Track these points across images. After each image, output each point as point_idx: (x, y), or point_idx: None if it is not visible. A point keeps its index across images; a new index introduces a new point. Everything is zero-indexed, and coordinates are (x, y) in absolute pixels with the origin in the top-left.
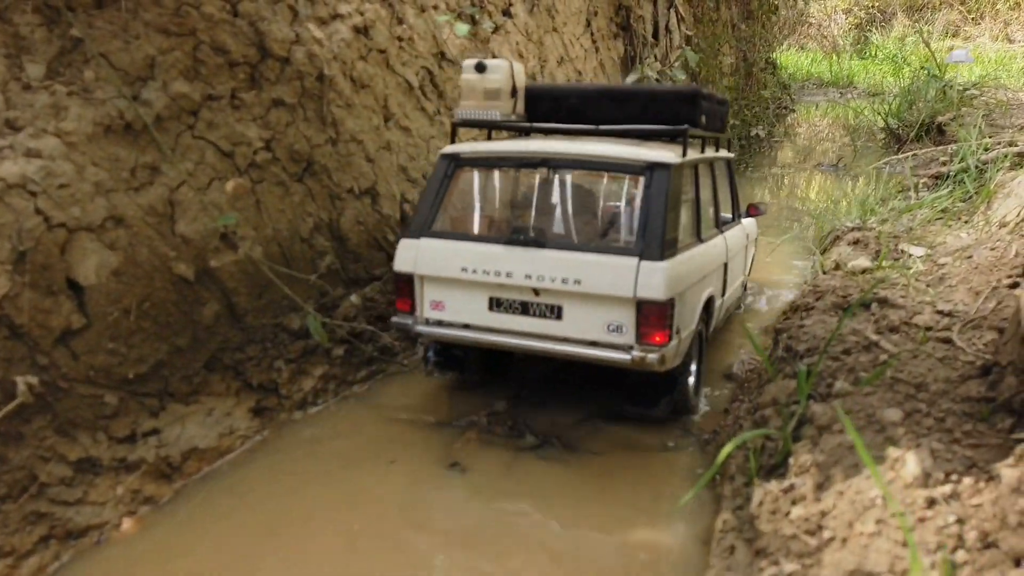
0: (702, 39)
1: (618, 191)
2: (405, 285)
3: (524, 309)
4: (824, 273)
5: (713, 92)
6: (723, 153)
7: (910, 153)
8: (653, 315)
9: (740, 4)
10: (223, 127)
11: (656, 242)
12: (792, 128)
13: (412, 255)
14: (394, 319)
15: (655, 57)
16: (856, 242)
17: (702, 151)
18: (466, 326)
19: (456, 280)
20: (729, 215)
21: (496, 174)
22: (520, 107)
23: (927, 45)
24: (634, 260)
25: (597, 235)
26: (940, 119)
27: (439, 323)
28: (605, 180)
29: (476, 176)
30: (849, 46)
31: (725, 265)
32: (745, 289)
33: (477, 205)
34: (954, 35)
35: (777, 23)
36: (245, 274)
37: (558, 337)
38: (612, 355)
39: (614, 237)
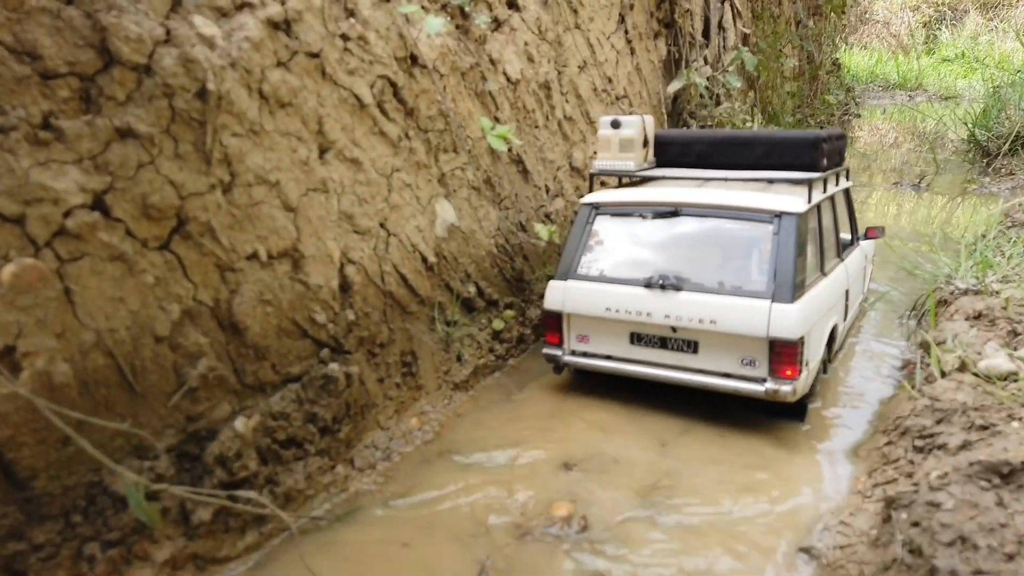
0: (761, 38)
1: (748, 237)
2: (554, 321)
3: (663, 343)
4: (943, 376)
5: (831, 130)
6: (843, 184)
7: (1005, 174)
8: (785, 353)
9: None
10: (5, 177)
11: (787, 285)
12: (855, 132)
13: (560, 296)
14: (545, 350)
15: (705, 60)
16: (978, 316)
17: (824, 190)
18: (608, 357)
19: (600, 318)
20: (848, 238)
21: (633, 220)
22: (651, 155)
23: (1018, 38)
24: (766, 303)
25: (730, 278)
26: None
27: (584, 354)
28: (736, 226)
29: (615, 223)
30: (917, 45)
31: (847, 292)
32: (864, 300)
33: (617, 250)
34: None
35: (844, 20)
36: (31, 413)
37: (694, 369)
38: (747, 386)
39: (746, 280)
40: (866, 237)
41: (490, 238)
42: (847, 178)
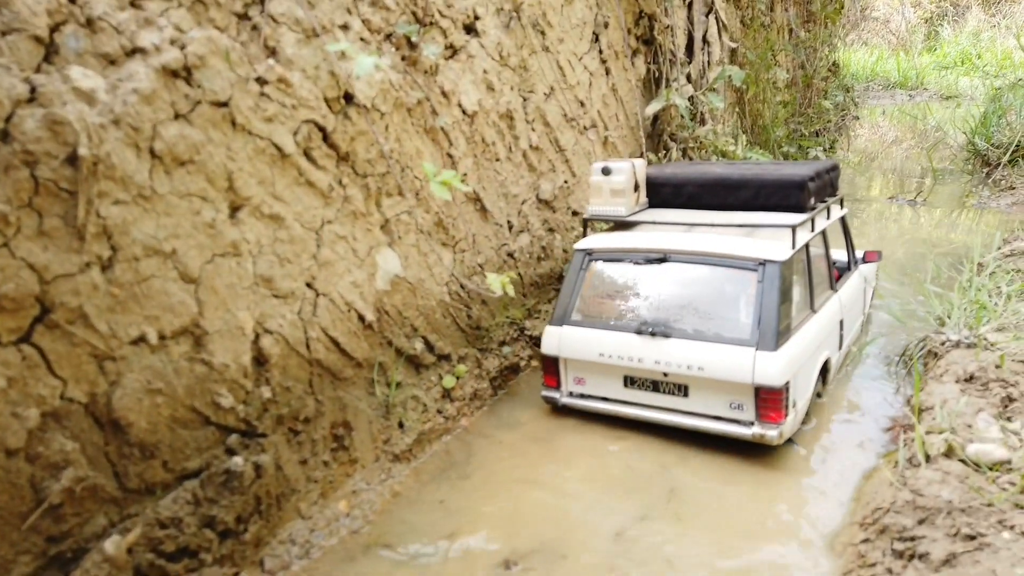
0: (751, 49)
1: (734, 284)
2: (551, 365)
3: (655, 387)
4: (927, 460)
5: (821, 164)
6: (836, 214)
7: (1006, 187)
8: (770, 399)
9: (799, 4)
10: None
11: (771, 333)
12: (854, 134)
13: (556, 341)
14: (543, 392)
15: (688, 77)
16: (970, 379)
17: (812, 229)
18: (604, 399)
19: (594, 363)
20: (845, 264)
21: (624, 266)
22: (642, 198)
23: (1020, 45)
24: (751, 351)
25: (716, 325)
26: None
27: (581, 395)
28: (721, 273)
29: (607, 268)
30: (918, 43)
31: (841, 322)
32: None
33: (608, 295)
34: None
35: (841, 23)
36: None
37: (685, 411)
38: (735, 429)
39: (732, 328)
40: (864, 261)
41: (442, 285)
42: (841, 206)
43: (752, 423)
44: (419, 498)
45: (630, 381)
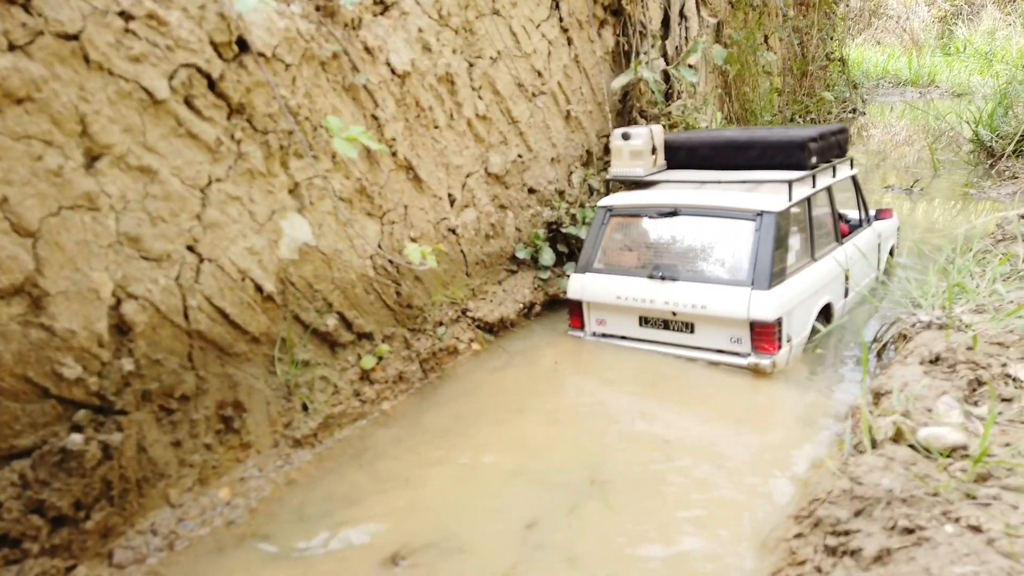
0: (737, 29)
1: (734, 232)
2: (576, 308)
3: (666, 325)
4: (873, 447)
5: (827, 128)
6: (843, 173)
7: (1008, 177)
8: (764, 332)
9: None
10: None
11: (765, 274)
12: (864, 131)
13: (579, 286)
14: (569, 331)
15: (664, 53)
16: (936, 360)
17: (814, 185)
18: (623, 336)
19: (613, 305)
20: (857, 220)
21: (639, 220)
22: (660, 160)
23: None
24: (747, 290)
25: (718, 269)
26: None
27: (603, 335)
28: (724, 223)
29: (624, 222)
30: (932, 41)
31: (847, 273)
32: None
33: (626, 246)
34: None
35: (843, 14)
36: None
37: (692, 346)
38: (734, 360)
39: (731, 271)
40: (878, 218)
41: (364, 259)
42: (851, 166)
43: (748, 354)
44: (315, 486)
45: (644, 320)
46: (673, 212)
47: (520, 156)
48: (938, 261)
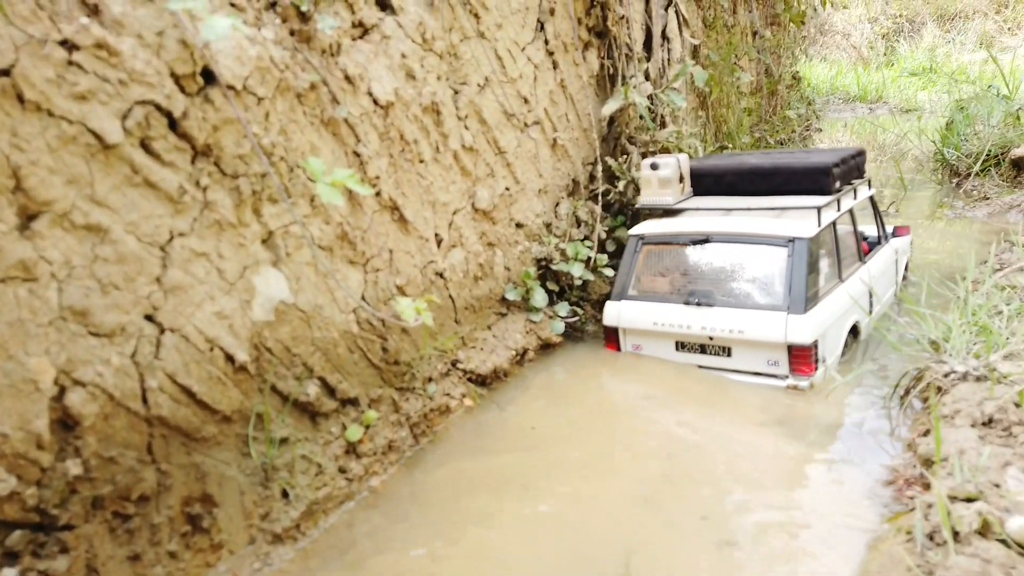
0: (714, 50)
1: (767, 259)
2: (612, 334)
3: (702, 349)
4: (955, 538)
5: (847, 151)
6: (863, 194)
7: (979, 198)
8: (801, 355)
9: (763, 6)
10: None
11: (800, 299)
12: (818, 145)
13: (616, 313)
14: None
15: (646, 75)
16: (988, 422)
17: (838, 208)
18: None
19: (649, 331)
20: (876, 239)
21: (671, 248)
22: (687, 188)
23: (994, 59)
24: (783, 314)
25: (753, 294)
26: (1017, 151)
27: None
28: (756, 249)
29: (657, 250)
30: (876, 57)
31: (870, 291)
32: (904, 278)
33: (660, 273)
34: (989, 46)
35: (804, 32)
36: None
37: (729, 369)
38: (772, 382)
39: (766, 296)
40: (894, 235)
41: (347, 313)
42: (869, 187)
43: (787, 376)
44: None
45: (680, 345)
46: (705, 239)
47: (507, 189)
48: (949, 297)
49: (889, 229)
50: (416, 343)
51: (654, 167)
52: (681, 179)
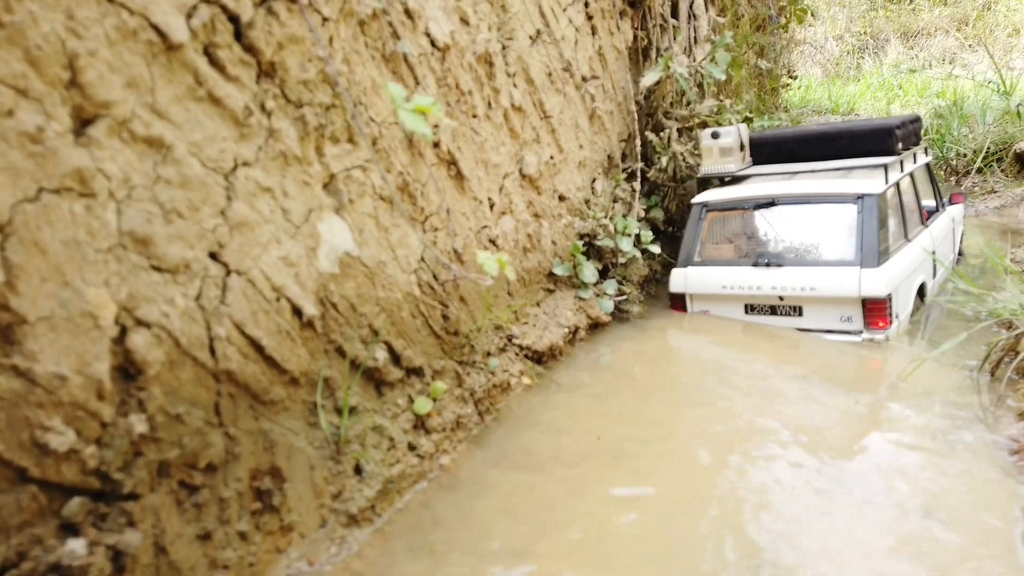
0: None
1: (836, 217)
2: (679, 301)
3: (772, 311)
4: None
5: (906, 116)
6: (921, 160)
7: (987, 191)
8: (876, 308)
9: (764, 2)
10: None
11: (872, 253)
12: None
13: (683, 280)
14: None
15: (682, 48)
16: None
17: (901, 169)
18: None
19: (718, 295)
20: (933, 206)
21: (737, 213)
22: (747, 156)
23: (988, 52)
24: (856, 269)
25: (823, 252)
26: (1021, 145)
27: None
28: (825, 209)
29: (721, 216)
30: (845, 72)
31: (933, 253)
32: (962, 255)
33: (726, 238)
34: (951, 62)
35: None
36: None
37: (801, 329)
38: (847, 338)
39: (838, 253)
40: (951, 203)
41: (409, 273)
42: (926, 154)
43: (861, 331)
44: None
45: (750, 308)
46: (771, 202)
47: (552, 157)
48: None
49: (945, 199)
50: (473, 314)
51: (715, 136)
52: (742, 147)
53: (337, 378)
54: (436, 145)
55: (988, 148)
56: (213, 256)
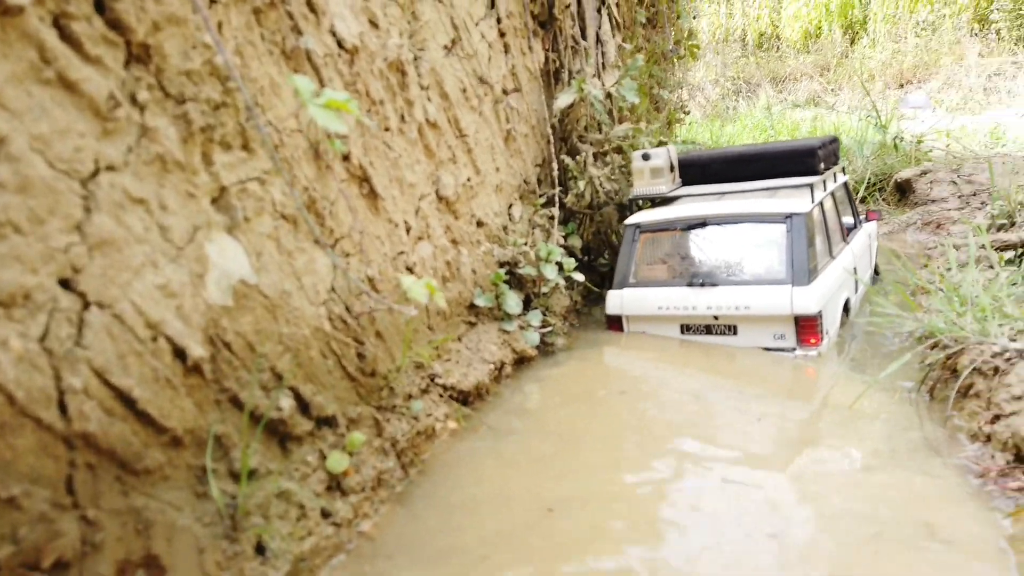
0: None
1: (766, 236)
2: (616, 324)
3: (708, 330)
4: None
5: (825, 137)
6: (840, 179)
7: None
8: (808, 325)
9: (663, 35)
10: None
11: (803, 271)
12: None
13: (619, 301)
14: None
15: (593, 72)
16: None
17: (824, 188)
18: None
19: (654, 316)
20: (852, 223)
21: (670, 234)
22: (677, 177)
23: (866, 91)
24: (788, 287)
25: (755, 271)
26: (902, 175)
27: None
28: (755, 228)
29: (654, 237)
30: (724, 112)
31: (855, 269)
32: (877, 273)
33: (660, 259)
34: (816, 104)
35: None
36: None
37: (736, 348)
38: (781, 355)
39: (769, 271)
40: (867, 220)
41: (318, 305)
42: (844, 173)
43: (795, 348)
44: None
45: (686, 328)
46: (702, 223)
47: (469, 179)
48: (946, 284)
49: (861, 216)
50: (392, 351)
51: (646, 157)
52: (672, 168)
53: (232, 434)
54: (346, 158)
55: (869, 179)
56: (65, 284)
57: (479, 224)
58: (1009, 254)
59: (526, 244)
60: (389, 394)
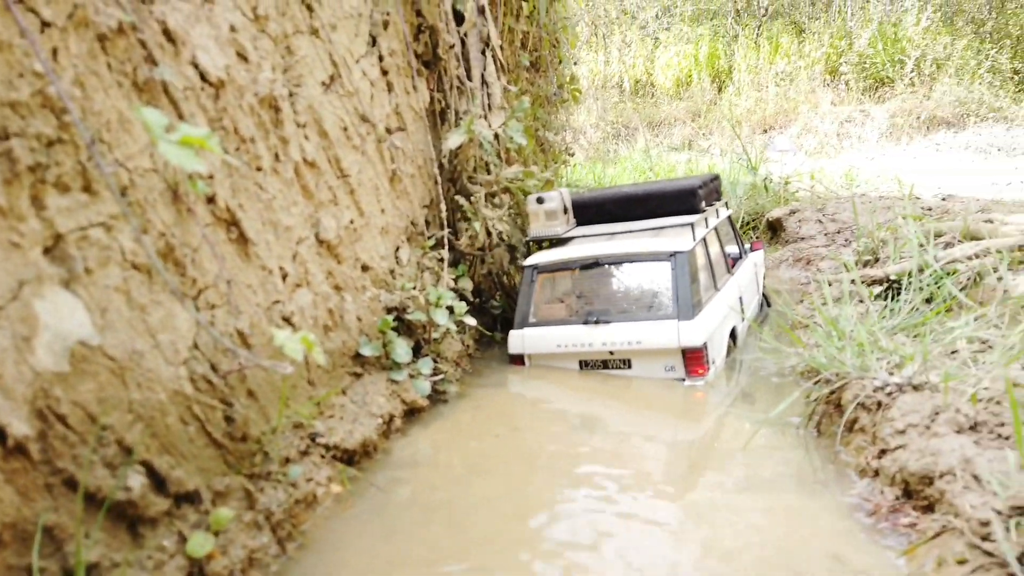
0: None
1: (653, 273)
2: (519, 360)
3: (605, 364)
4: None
5: (706, 176)
6: (723, 213)
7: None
8: (694, 357)
9: (546, 76)
10: None
11: (688, 306)
12: None
13: (520, 341)
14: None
15: (482, 111)
16: (974, 426)
17: (706, 225)
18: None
19: (554, 353)
20: (737, 253)
21: (566, 274)
22: (571, 219)
23: (737, 135)
24: (675, 322)
25: (645, 307)
26: (773, 214)
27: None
28: (643, 267)
29: (551, 277)
30: (603, 155)
31: (740, 298)
32: (767, 302)
33: (557, 298)
34: (690, 147)
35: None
36: None
37: (630, 379)
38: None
39: (658, 307)
40: (752, 250)
41: (177, 365)
42: (727, 207)
43: (684, 379)
44: None
45: (584, 363)
46: (595, 263)
47: (352, 221)
48: (824, 319)
49: (746, 246)
50: (266, 411)
51: (540, 200)
52: (566, 210)
53: (68, 524)
54: (212, 200)
55: (743, 218)
56: None
57: (364, 268)
58: (877, 288)
59: (415, 288)
60: (263, 460)
